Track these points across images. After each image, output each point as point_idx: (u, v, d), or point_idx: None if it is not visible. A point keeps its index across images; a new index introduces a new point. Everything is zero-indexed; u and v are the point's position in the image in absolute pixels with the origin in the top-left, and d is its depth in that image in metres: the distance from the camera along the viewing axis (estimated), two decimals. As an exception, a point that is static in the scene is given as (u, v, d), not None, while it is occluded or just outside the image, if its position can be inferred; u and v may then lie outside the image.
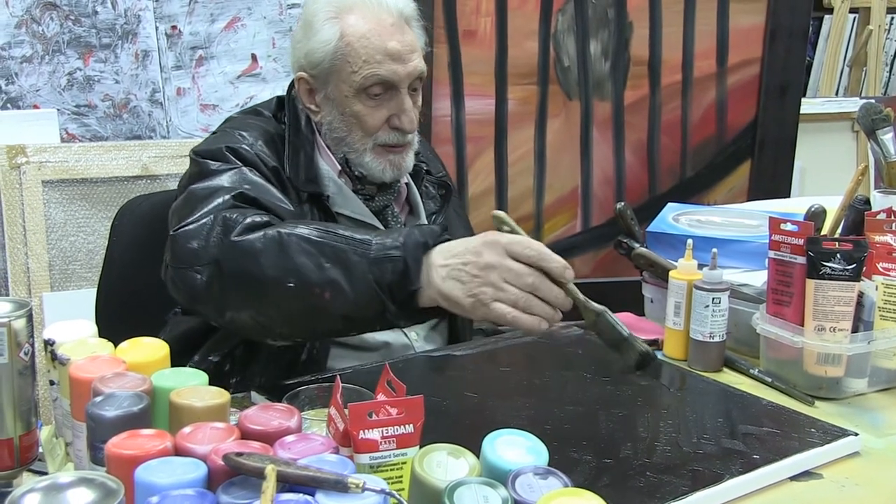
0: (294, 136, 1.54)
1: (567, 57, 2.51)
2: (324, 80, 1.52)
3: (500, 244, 1.16)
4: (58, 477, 0.75)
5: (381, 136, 1.52)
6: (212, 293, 1.27)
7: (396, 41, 1.48)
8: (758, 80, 2.64)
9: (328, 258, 1.21)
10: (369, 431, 0.87)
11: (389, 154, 1.54)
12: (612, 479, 1.06)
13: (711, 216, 1.78)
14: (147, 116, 2.47)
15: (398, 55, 1.48)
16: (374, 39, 1.47)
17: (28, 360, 1.03)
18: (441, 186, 1.72)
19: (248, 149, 1.46)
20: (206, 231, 1.29)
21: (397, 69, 1.48)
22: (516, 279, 1.15)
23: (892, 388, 1.42)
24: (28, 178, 2.23)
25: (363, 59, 1.47)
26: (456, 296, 1.16)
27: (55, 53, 2.35)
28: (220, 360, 1.50)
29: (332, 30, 1.49)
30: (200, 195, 1.36)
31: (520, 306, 1.15)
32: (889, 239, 1.44)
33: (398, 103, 1.51)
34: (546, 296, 1.16)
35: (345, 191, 1.55)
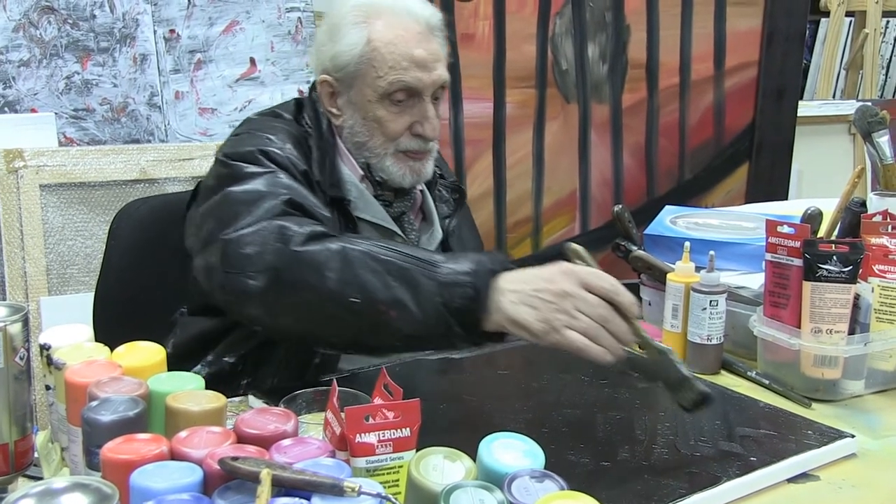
0: (319, 139, 1.53)
1: (565, 60, 2.51)
2: (348, 83, 1.52)
3: (576, 274, 1.16)
4: (52, 482, 0.75)
5: (403, 143, 1.52)
6: (266, 300, 1.25)
7: (423, 49, 1.49)
8: (755, 83, 2.64)
9: (395, 276, 1.20)
10: (366, 435, 0.87)
11: (410, 160, 1.54)
12: (610, 481, 1.06)
13: (709, 219, 1.78)
14: (145, 120, 2.46)
15: (423, 63, 1.48)
16: (401, 46, 1.48)
17: (24, 365, 1.03)
18: (454, 191, 1.72)
19: (279, 152, 1.44)
20: (263, 237, 1.27)
21: (422, 77, 1.49)
22: (589, 309, 1.14)
23: (888, 389, 1.42)
24: (26, 182, 2.22)
25: (389, 65, 1.48)
26: (527, 321, 1.15)
27: (53, 57, 2.35)
28: (235, 362, 1.50)
29: (359, 34, 1.49)
30: (243, 199, 1.34)
31: (590, 335, 1.14)
32: (885, 241, 1.44)
33: (421, 110, 1.51)
34: (614, 329, 1.15)
35: (366, 195, 1.54)
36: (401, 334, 1.21)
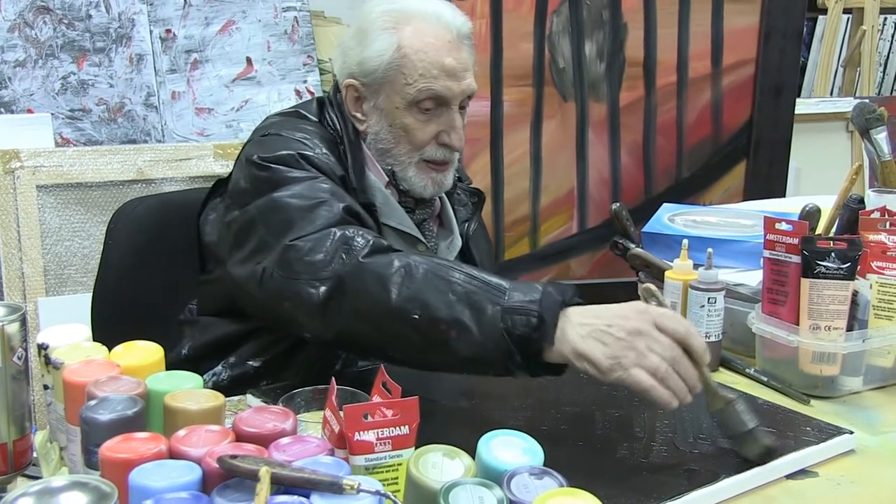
0: (350, 144, 1.52)
1: (562, 58, 2.51)
2: (375, 89, 1.50)
3: (651, 314, 1.14)
4: (50, 481, 0.75)
5: (428, 152, 1.51)
6: (327, 308, 1.24)
7: (453, 58, 1.47)
8: (752, 80, 2.64)
9: (458, 297, 1.18)
10: (365, 433, 0.87)
11: (432, 172, 1.53)
12: (609, 478, 1.06)
13: (707, 216, 1.78)
14: (142, 120, 2.46)
15: (454, 72, 1.47)
16: (432, 54, 1.46)
17: (22, 365, 1.03)
18: (473, 194, 1.72)
19: (319, 156, 1.43)
20: (328, 246, 1.26)
21: (452, 86, 1.48)
22: (661, 350, 1.12)
23: (886, 386, 1.43)
24: (22, 182, 2.22)
25: (419, 73, 1.46)
26: (595, 356, 1.12)
27: (49, 57, 2.35)
28: (259, 364, 1.49)
29: (389, 40, 1.47)
30: (297, 205, 1.33)
31: (658, 376, 1.11)
32: (883, 238, 1.45)
33: (448, 120, 1.50)
34: (683, 373, 1.13)
35: (391, 202, 1.53)
36: (459, 356, 1.18)
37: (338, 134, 1.52)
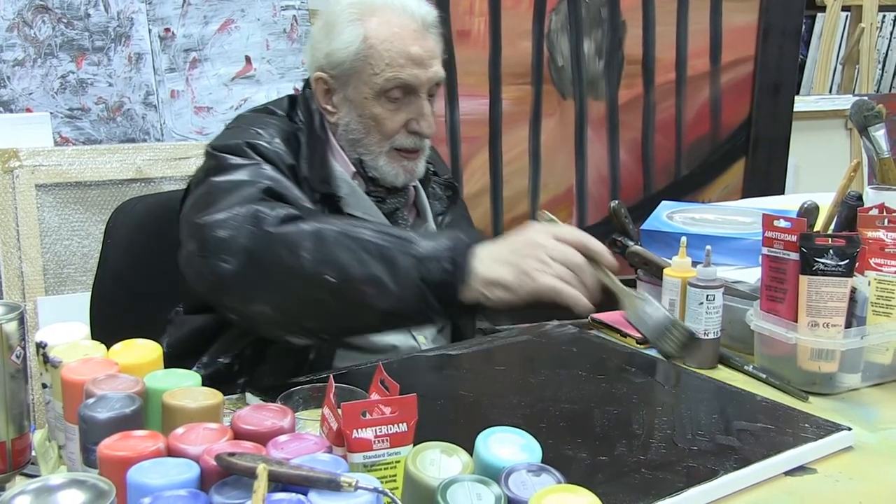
0: (309, 135, 1.54)
1: (561, 56, 2.51)
2: (344, 81, 1.53)
3: (547, 229, 1.21)
4: (49, 479, 0.75)
5: (399, 140, 1.53)
6: (241, 283, 1.26)
7: (419, 46, 1.49)
8: (751, 78, 2.64)
9: (371, 254, 1.22)
10: (363, 431, 0.87)
11: (404, 160, 1.54)
12: (607, 476, 1.06)
13: (705, 214, 1.78)
14: (141, 119, 2.46)
15: (420, 60, 1.49)
16: (398, 43, 1.48)
17: (20, 364, 1.03)
18: (448, 188, 1.72)
19: (266, 145, 1.45)
20: (239, 221, 1.27)
21: (418, 73, 1.49)
22: (562, 256, 1.19)
23: (885, 383, 1.43)
24: (21, 181, 2.22)
25: (386, 62, 1.48)
26: (504, 278, 1.18)
27: (48, 56, 2.35)
28: (230, 361, 1.50)
29: (355, 31, 1.50)
30: (224, 187, 1.35)
31: (566, 280, 1.18)
32: (881, 235, 1.45)
33: (417, 107, 1.52)
34: (588, 276, 1.20)
35: (357, 192, 1.55)
36: (378, 311, 1.22)
37: (304, 127, 1.54)
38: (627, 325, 1.63)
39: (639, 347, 1.56)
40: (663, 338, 1.17)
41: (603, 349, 1.54)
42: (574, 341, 1.56)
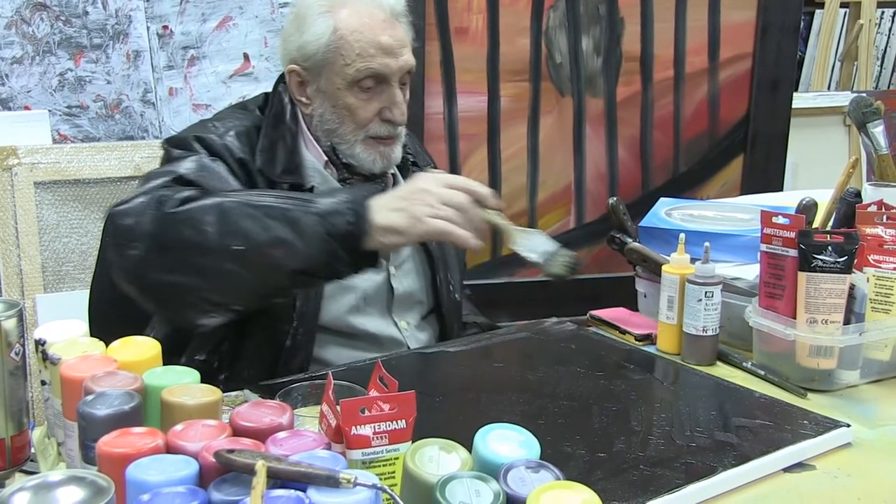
0: (272, 128, 1.56)
1: (559, 53, 2.51)
2: (316, 72, 1.55)
3: (434, 176, 1.31)
4: (48, 475, 0.75)
5: (373, 129, 1.55)
6: (151, 267, 1.30)
7: (388, 35, 1.51)
8: (749, 75, 2.64)
9: (273, 217, 1.27)
10: (361, 427, 0.87)
11: (380, 146, 1.57)
12: (606, 472, 1.06)
13: (704, 211, 1.78)
14: (139, 117, 2.46)
15: (390, 49, 1.51)
16: (367, 33, 1.50)
17: (19, 361, 1.03)
18: None
19: (215, 138, 1.49)
20: (142, 208, 1.31)
21: (389, 63, 1.51)
22: (449, 199, 1.28)
23: (883, 379, 1.43)
24: (20, 179, 2.22)
25: (356, 53, 1.50)
26: (396, 223, 1.27)
27: (46, 54, 2.35)
28: (207, 358, 1.51)
29: (325, 24, 1.52)
30: (149, 177, 1.42)
31: (453, 222, 1.27)
32: (880, 231, 1.45)
33: (390, 96, 1.54)
34: (474, 218, 1.29)
35: (330, 181, 1.57)
36: (288, 271, 1.28)
37: (270, 120, 1.57)
38: (626, 322, 1.63)
39: (637, 344, 1.56)
40: (552, 263, 1.31)
41: (601, 346, 1.54)
42: (572, 338, 1.56)
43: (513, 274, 2.55)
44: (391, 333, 1.59)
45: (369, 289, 1.58)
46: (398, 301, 1.62)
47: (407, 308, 1.64)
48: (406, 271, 1.65)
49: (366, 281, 1.56)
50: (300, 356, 1.49)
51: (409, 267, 1.66)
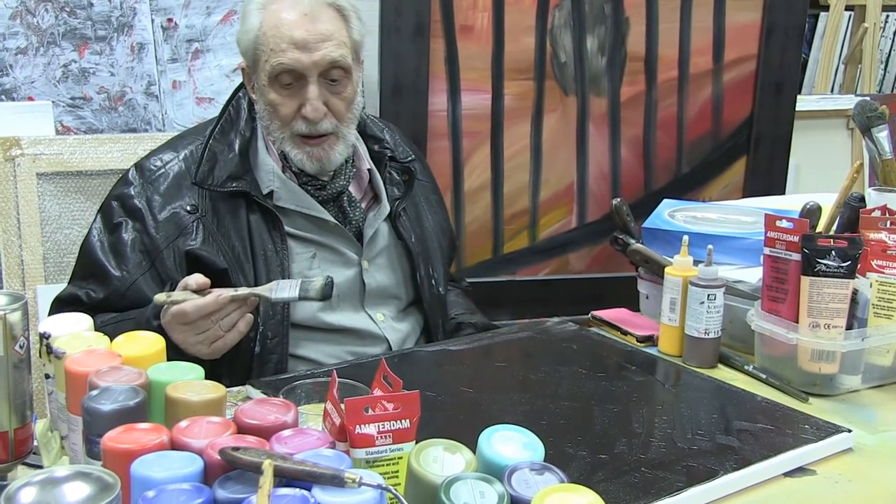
0: (219, 137, 1.58)
1: (564, 52, 2.50)
2: (253, 68, 1.57)
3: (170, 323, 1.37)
4: (54, 471, 0.75)
5: (296, 126, 1.54)
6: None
7: (304, 30, 1.50)
8: (754, 76, 2.64)
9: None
10: (365, 426, 0.88)
11: (306, 145, 1.56)
12: (607, 474, 1.07)
13: (707, 213, 1.78)
14: (142, 109, 2.46)
15: (304, 44, 1.49)
16: (283, 29, 1.50)
17: (23, 354, 1.03)
18: (404, 172, 1.73)
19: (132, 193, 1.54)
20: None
21: (301, 58, 1.50)
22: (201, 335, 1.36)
23: (885, 384, 1.43)
24: (22, 170, 2.22)
25: (271, 48, 1.51)
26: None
27: (50, 45, 2.34)
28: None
29: (255, 20, 1.53)
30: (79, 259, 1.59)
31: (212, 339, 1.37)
32: (883, 236, 1.45)
33: (306, 93, 1.52)
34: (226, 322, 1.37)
35: (289, 185, 1.57)
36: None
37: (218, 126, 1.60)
38: (628, 323, 1.63)
39: (639, 346, 1.57)
40: (309, 289, 1.36)
41: (603, 347, 1.54)
42: (574, 338, 1.56)
43: (514, 272, 2.55)
44: (366, 326, 1.60)
45: (341, 284, 1.58)
46: (370, 295, 1.62)
47: (381, 302, 1.64)
48: (379, 266, 1.65)
49: (338, 277, 1.57)
50: (274, 359, 1.51)
51: (382, 261, 1.66)
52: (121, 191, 1.56)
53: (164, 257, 1.49)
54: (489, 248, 2.53)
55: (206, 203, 1.53)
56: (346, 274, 1.59)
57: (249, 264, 1.51)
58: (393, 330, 1.62)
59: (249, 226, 1.53)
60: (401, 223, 1.67)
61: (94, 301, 1.51)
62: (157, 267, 1.49)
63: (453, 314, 1.78)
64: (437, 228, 1.76)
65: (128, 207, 1.53)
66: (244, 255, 1.51)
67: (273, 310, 1.51)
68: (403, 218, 1.68)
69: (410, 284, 1.68)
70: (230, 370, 1.47)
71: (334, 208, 1.61)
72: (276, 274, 1.51)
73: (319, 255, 1.58)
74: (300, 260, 1.56)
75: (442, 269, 1.73)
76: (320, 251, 1.58)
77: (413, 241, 1.67)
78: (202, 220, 1.52)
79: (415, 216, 1.72)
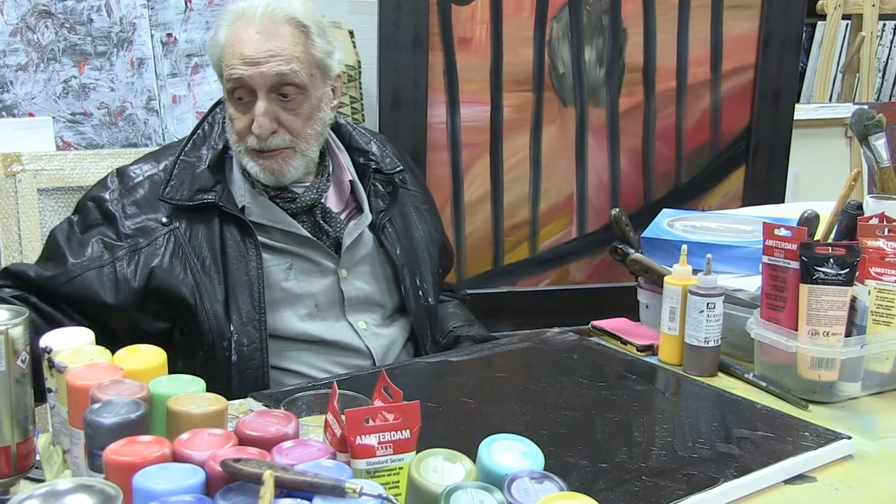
0: (190, 150, 1.60)
1: (562, 64, 2.52)
2: (222, 82, 1.59)
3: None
4: (56, 483, 0.75)
5: (249, 141, 1.56)
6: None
7: (253, 47, 1.52)
8: (751, 86, 2.65)
9: None
10: (366, 437, 0.88)
11: (260, 159, 1.57)
12: (608, 483, 1.07)
13: (706, 222, 1.79)
14: (143, 124, 2.47)
15: (254, 60, 1.51)
16: (237, 46, 1.53)
17: (25, 368, 1.03)
18: (389, 183, 1.74)
19: (106, 196, 1.56)
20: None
21: (250, 72, 1.51)
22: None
23: (884, 391, 1.43)
24: (23, 186, 2.23)
25: (225, 64, 1.54)
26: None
27: (50, 61, 2.36)
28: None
29: (222, 35, 1.56)
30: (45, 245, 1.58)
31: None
32: (882, 244, 1.45)
33: (255, 109, 1.54)
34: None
35: (259, 200, 1.59)
36: None
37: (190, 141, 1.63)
38: (628, 333, 1.64)
39: (639, 355, 1.57)
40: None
41: (603, 356, 1.54)
42: (574, 348, 1.57)
43: (515, 283, 2.56)
44: (346, 337, 1.61)
45: (320, 294, 1.60)
46: (350, 303, 1.63)
47: (362, 310, 1.65)
48: (359, 274, 1.66)
49: (315, 287, 1.59)
50: (254, 366, 1.52)
51: (363, 269, 1.66)
52: (98, 193, 1.57)
53: (126, 261, 1.50)
54: (489, 260, 2.54)
55: (181, 215, 1.55)
56: (323, 283, 1.61)
57: (220, 275, 1.52)
58: (375, 337, 1.63)
59: (223, 237, 1.55)
60: (385, 235, 1.68)
61: (40, 278, 1.50)
62: (116, 266, 1.50)
63: (451, 326, 1.79)
64: (426, 238, 1.76)
65: (102, 210, 1.55)
66: (215, 266, 1.53)
67: (246, 317, 1.52)
68: (389, 229, 1.69)
69: (395, 293, 1.69)
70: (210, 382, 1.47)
71: (308, 220, 1.62)
72: (250, 282, 1.53)
73: (296, 265, 1.60)
74: (277, 271, 1.58)
75: (431, 279, 1.73)
76: (296, 262, 1.60)
77: (398, 252, 1.68)
78: (174, 231, 1.53)
79: (402, 227, 1.72)
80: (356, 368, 1.58)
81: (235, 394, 1.45)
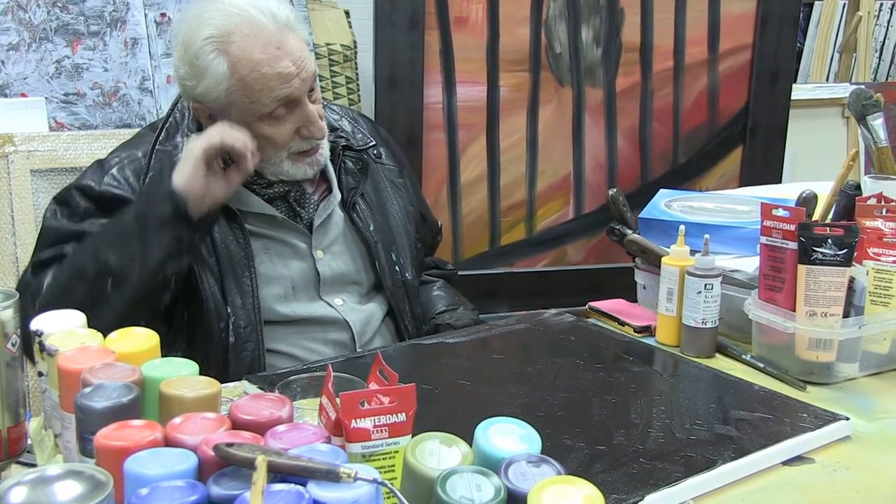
0: (165, 139, 1.57)
1: (559, 43, 2.50)
2: (225, 110, 1.51)
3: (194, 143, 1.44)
4: (45, 469, 0.74)
5: (294, 146, 1.54)
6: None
7: (288, 61, 1.47)
8: (749, 66, 2.64)
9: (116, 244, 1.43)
10: (361, 420, 0.87)
11: (306, 158, 1.57)
12: (606, 465, 1.06)
13: (703, 202, 1.78)
14: (136, 105, 2.45)
15: (291, 74, 1.47)
16: (266, 69, 1.46)
17: (16, 352, 1.02)
18: (359, 160, 1.72)
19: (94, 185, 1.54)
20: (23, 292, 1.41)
21: (295, 85, 1.48)
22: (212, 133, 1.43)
23: (882, 372, 1.43)
24: (16, 167, 2.21)
25: (259, 89, 1.47)
26: (184, 166, 1.43)
27: (42, 41, 2.33)
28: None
29: (220, 68, 1.46)
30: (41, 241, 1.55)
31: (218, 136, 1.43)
32: (879, 224, 1.44)
33: (303, 115, 1.52)
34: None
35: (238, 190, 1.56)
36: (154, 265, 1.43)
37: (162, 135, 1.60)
38: (625, 314, 1.63)
39: (636, 336, 1.56)
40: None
41: (600, 337, 1.54)
42: (571, 330, 1.56)
43: (511, 264, 2.55)
44: (325, 312, 1.61)
45: (296, 276, 1.59)
46: (326, 283, 1.62)
47: (339, 289, 1.64)
48: (335, 253, 1.65)
49: (292, 269, 1.59)
50: (249, 348, 1.52)
51: (337, 249, 1.65)
52: (83, 182, 1.55)
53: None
54: (486, 241, 2.53)
55: None
56: (299, 265, 1.60)
57: (213, 259, 1.53)
58: (353, 311, 1.62)
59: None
60: (357, 212, 1.67)
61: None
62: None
63: (433, 313, 1.77)
64: (402, 213, 1.74)
65: (91, 197, 1.54)
66: (206, 251, 1.53)
67: (242, 299, 1.51)
68: (361, 206, 1.68)
69: (371, 271, 1.68)
70: (207, 363, 1.47)
71: (283, 204, 1.62)
72: (241, 266, 1.53)
73: (272, 248, 1.59)
74: (255, 254, 1.57)
75: (409, 254, 1.71)
76: (272, 245, 1.59)
77: (372, 229, 1.67)
78: None
79: (376, 202, 1.71)
80: (336, 343, 1.59)
81: (233, 376, 1.45)
